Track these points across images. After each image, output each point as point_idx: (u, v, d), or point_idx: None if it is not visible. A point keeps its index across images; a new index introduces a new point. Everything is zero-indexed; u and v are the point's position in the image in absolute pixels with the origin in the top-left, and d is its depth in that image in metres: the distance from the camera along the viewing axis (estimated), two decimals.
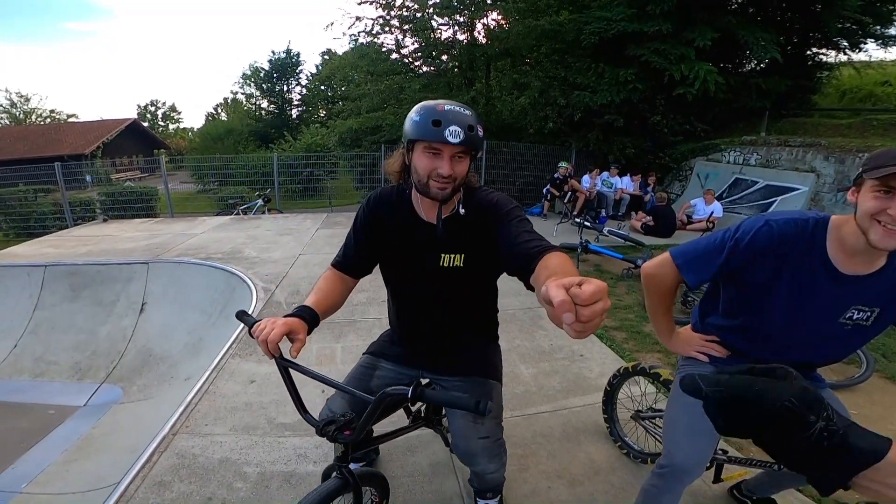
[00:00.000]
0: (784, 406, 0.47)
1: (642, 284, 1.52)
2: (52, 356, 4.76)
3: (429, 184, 1.28)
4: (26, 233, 10.03)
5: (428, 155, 1.26)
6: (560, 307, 0.59)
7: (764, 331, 1.36)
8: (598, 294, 0.60)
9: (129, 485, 2.11)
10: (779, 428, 0.48)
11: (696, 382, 0.49)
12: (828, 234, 1.21)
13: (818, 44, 11.44)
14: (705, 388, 0.49)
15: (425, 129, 1.22)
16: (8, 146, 23.78)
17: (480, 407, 0.94)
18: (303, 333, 1.23)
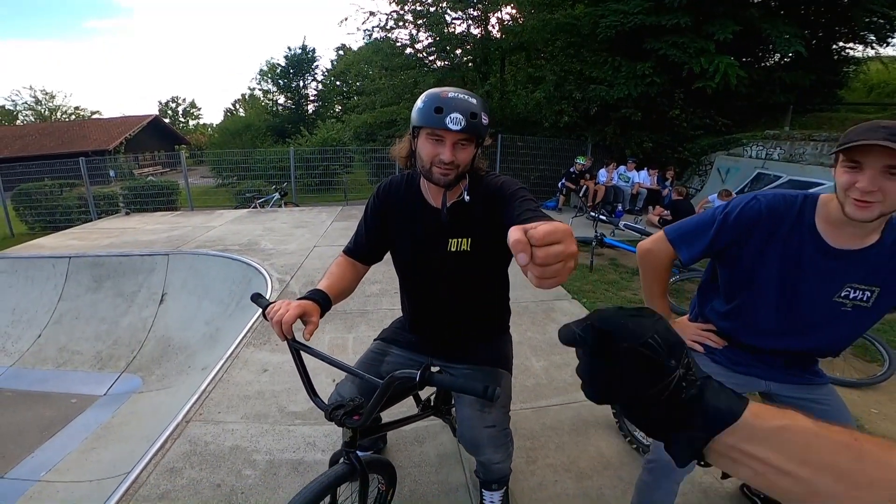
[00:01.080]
0: (647, 342, 0.44)
1: (638, 263, 1.52)
2: (75, 346, 4.89)
3: (432, 170, 1.29)
4: (52, 226, 10.30)
5: (431, 141, 1.27)
6: (514, 247, 0.54)
7: (759, 313, 1.34)
8: (553, 235, 0.54)
9: (142, 472, 2.15)
10: (639, 373, 0.44)
11: (570, 329, 0.46)
12: (817, 209, 1.23)
13: (845, 38, 11.13)
14: (577, 329, 0.46)
15: (428, 116, 1.24)
16: (34, 142, 24.43)
17: (488, 392, 0.94)
18: (316, 316, 1.25)
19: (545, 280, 0.56)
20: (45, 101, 39.73)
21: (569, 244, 0.56)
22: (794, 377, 1.43)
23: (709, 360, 1.52)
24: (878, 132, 1.04)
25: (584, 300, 4.22)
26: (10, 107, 38.88)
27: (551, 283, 0.56)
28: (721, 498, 2.00)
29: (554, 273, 0.55)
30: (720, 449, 0.45)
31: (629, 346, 0.44)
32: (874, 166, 1.06)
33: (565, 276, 0.57)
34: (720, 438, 0.45)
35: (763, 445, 0.43)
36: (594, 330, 0.45)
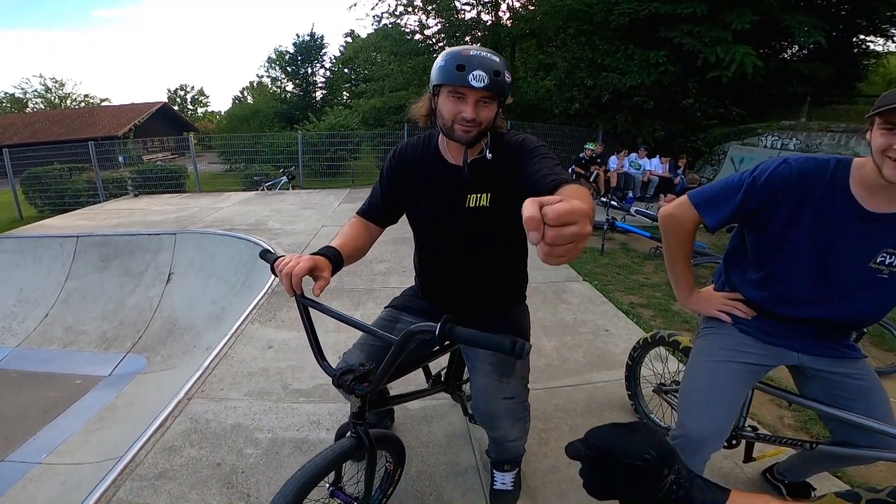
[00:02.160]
0: (644, 458, 0.52)
1: (660, 229, 1.44)
2: (82, 326, 4.87)
3: (454, 127, 1.26)
4: (61, 209, 10.31)
5: (452, 99, 1.24)
6: (527, 224, 0.52)
7: (791, 280, 1.28)
8: (567, 215, 0.52)
9: (140, 451, 2.09)
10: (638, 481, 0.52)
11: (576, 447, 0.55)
12: (851, 172, 1.17)
13: (865, 31, 10.90)
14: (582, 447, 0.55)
15: (449, 73, 1.20)
16: (45, 129, 24.55)
17: (517, 348, 0.85)
18: (327, 272, 1.20)
19: (553, 258, 0.55)
20: (55, 90, 39.84)
21: (584, 225, 0.54)
22: (828, 349, 1.36)
23: (737, 330, 1.43)
24: None
25: (595, 282, 4.15)
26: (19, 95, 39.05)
27: (559, 261, 0.56)
28: (742, 483, 1.92)
29: (563, 253, 0.55)
30: None
31: (630, 464, 0.52)
32: None
33: (575, 256, 0.56)
34: None
35: None
36: (596, 450, 0.54)
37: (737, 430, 1.66)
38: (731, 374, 1.40)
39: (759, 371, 1.44)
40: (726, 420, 1.39)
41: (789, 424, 2.36)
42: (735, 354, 1.40)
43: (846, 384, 1.34)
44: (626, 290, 4.13)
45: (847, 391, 1.34)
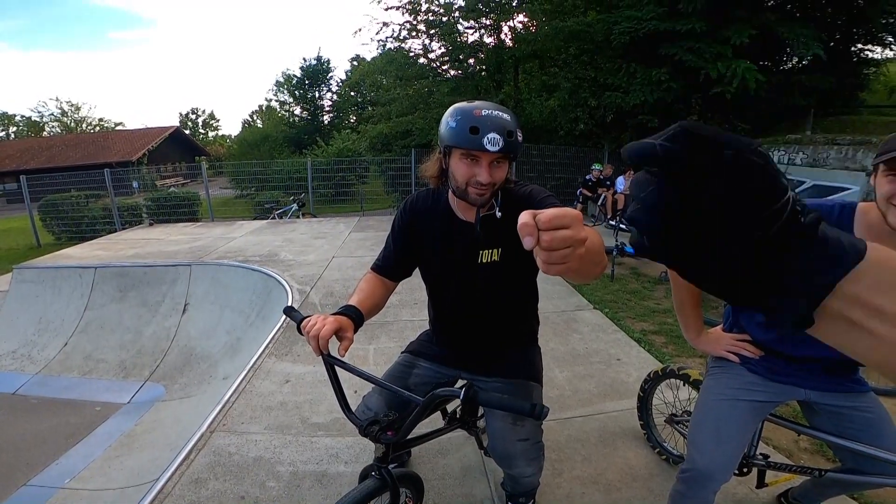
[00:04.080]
0: (757, 150, 0.33)
1: (669, 275, 1.50)
2: (100, 354, 4.98)
3: (468, 190, 1.28)
4: (78, 236, 10.56)
5: (466, 162, 1.25)
6: (521, 230, 0.52)
7: None
8: (560, 218, 0.51)
9: (167, 482, 2.16)
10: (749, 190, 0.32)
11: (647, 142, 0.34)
12: (855, 219, 1.20)
13: (863, 40, 10.96)
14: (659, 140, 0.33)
15: (463, 137, 1.20)
16: (61, 153, 25.18)
17: (537, 411, 0.92)
18: (351, 332, 1.23)
19: (551, 265, 0.53)
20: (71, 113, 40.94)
21: (577, 229, 0.53)
22: (834, 385, 1.40)
23: (745, 369, 1.48)
24: None
25: (607, 310, 4.17)
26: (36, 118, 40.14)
27: (558, 269, 0.54)
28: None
29: (561, 258, 0.53)
30: (839, 306, 0.34)
31: (737, 153, 0.32)
32: None
33: (575, 262, 0.54)
34: (842, 288, 0.33)
35: (893, 295, 0.33)
36: (688, 135, 0.33)
37: (748, 458, 1.70)
38: (739, 412, 1.45)
39: (768, 407, 1.49)
40: (734, 455, 1.44)
41: (805, 448, 2.37)
42: (743, 393, 1.45)
43: (854, 416, 1.39)
44: (637, 317, 4.14)
45: (855, 423, 1.39)
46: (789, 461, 2.14)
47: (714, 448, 1.43)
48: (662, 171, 0.34)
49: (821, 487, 1.74)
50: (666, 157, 0.33)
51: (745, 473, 1.75)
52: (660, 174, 0.34)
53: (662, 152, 0.33)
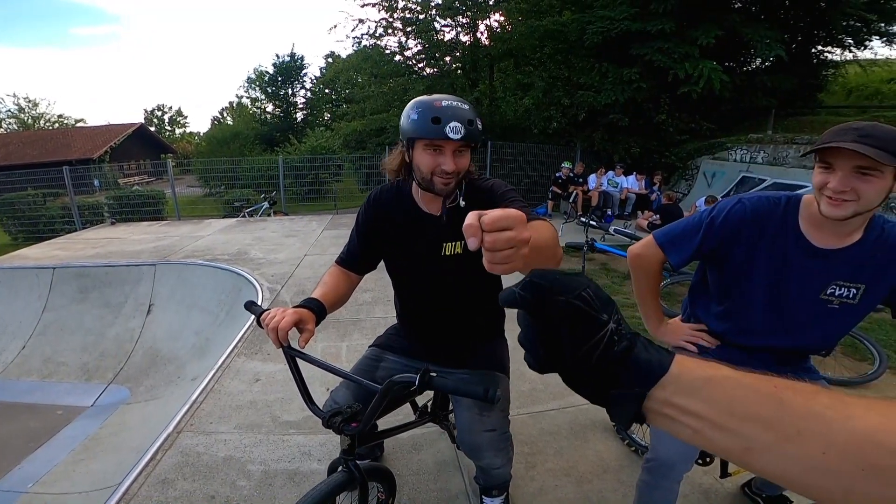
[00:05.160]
0: (580, 295, 0.44)
1: (629, 267, 1.53)
2: (61, 357, 4.79)
3: (433, 180, 1.29)
4: (35, 236, 10.12)
5: (430, 152, 1.27)
6: (465, 231, 0.54)
7: (749, 313, 1.36)
8: (503, 220, 0.53)
9: (132, 483, 2.11)
10: (575, 327, 0.44)
11: (511, 290, 0.46)
12: (800, 210, 1.26)
13: (823, 42, 11.41)
14: (517, 288, 0.45)
15: (425, 127, 1.23)
16: (18, 151, 24.07)
17: (490, 394, 0.93)
18: (311, 324, 1.24)
19: (495, 265, 0.56)
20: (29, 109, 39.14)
21: (520, 230, 0.55)
22: (786, 373, 1.45)
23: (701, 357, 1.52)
24: (849, 134, 1.07)
25: None
26: None
27: (503, 268, 0.56)
28: (722, 498, 2.00)
29: (504, 259, 0.55)
30: (656, 407, 0.45)
31: (565, 300, 0.44)
32: (845, 167, 1.09)
33: (519, 262, 0.56)
34: (654, 394, 0.44)
35: (693, 398, 0.43)
36: (533, 286, 0.45)
37: None
38: None
39: None
40: None
41: None
42: None
43: None
44: None
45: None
46: None
47: (673, 438, 1.47)
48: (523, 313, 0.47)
49: None
50: (521, 303, 0.45)
51: (708, 463, 1.81)
52: (527, 314, 0.47)
53: (520, 299, 0.45)
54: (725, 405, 0.42)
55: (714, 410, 0.42)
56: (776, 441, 0.39)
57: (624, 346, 0.44)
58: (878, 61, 12.09)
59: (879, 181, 1.07)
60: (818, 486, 0.38)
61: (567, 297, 0.44)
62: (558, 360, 0.46)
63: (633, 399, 0.45)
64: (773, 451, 0.39)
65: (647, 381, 0.44)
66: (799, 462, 0.38)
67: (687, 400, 0.43)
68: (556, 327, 0.44)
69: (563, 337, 0.44)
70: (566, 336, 0.44)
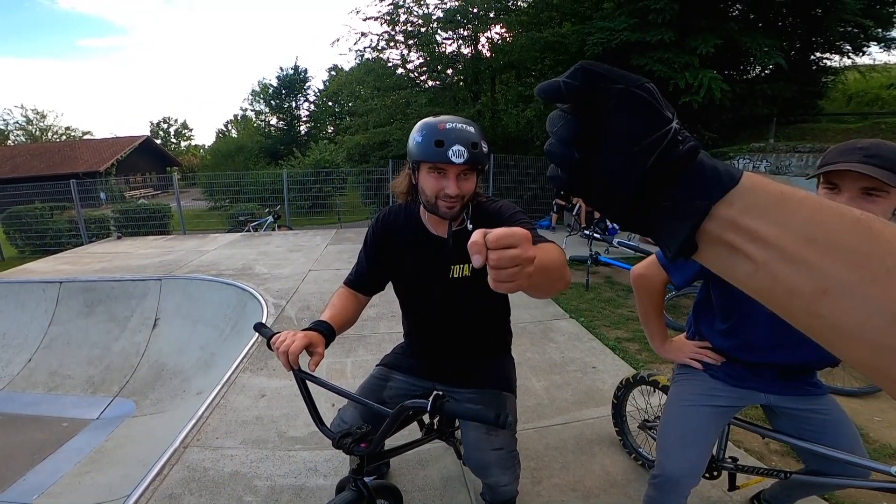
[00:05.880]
0: (643, 84, 0.36)
1: (633, 287, 1.54)
2: (67, 370, 4.81)
3: (437, 204, 1.30)
4: (42, 250, 10.21)
5: (434, 175, 1.27)
6: (470, 248, 0.53)
7: (753, 330, 1.36)
8: (508, 238, 0.53)
9: (140, 497, 2.12)
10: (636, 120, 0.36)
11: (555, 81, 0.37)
12: None
13: (822, 48, 11.43)
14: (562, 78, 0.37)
15: (429, 151, 1.23)
16: (25, 163, 24.33)
17: (501, 420, 0.94)
18: (321, 347, 1.24)
19: (500, 283, 0.55)
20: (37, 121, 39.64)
21: (525, 248, 0.54)
22: (792, 389, 1.46)
23: (708, 376, 1.53)
24: (854, 154, 1.05)
25: (582, 319, 4.23)
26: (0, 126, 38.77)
27: (508, 286, 0.55)
28: None
29: (509, 277, 0.54)
30: (716, 229, 0.36)
31: (625, 88, 0.36)
32: (851, 189, 1.07)
33: (524, 281, 0.56)
34: (717, 212, 0.35)
35: (765, 219, 0.34)
36: (585, 72, 0.37)
37: (716, 461, 1.75)
38: (703, 417, 1.50)
39: (731, 411, 1.54)
40: (700, 459, 1.49)
41: (775, 450, 2.44)
42: (706, 398, 1.50)
43: (813, 419, 1.45)
44: (612, 325, 4.20)
45: (813, 425, 1.44)
46: (758, 463, 2.21)
47: (681, 453, 1.48)
48: (568, 105, 0.38)
49: (789, 489, 1.80)
50: (568, 92, 0.37)
51: (716, 477, 1.80)
52: (568, 109, 0.38)
53: (565, 88, 0.37)
54: (805, 229, 0.33)
55: (790, 236, 0.33)
56: (860, 281, 0.31)
57: (690, 146, 0.36)
58: (876, 67, 12.11)
59: (885, 202, 1.06)
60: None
61: (627, 85, 0.36)
62: (598, 165, 0.37)
63: (691, 214, 0.36)
64: (855, 295, 0.31)
65: (714, 191, 0.35)
66: (884, 311, 0.30)
67: (758, 221, 0.34)
68: (610, 121, 0.36)
69: (617, 134, 0.36)
70: (622, 132, 0.36)
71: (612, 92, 0.36)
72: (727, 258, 0.37)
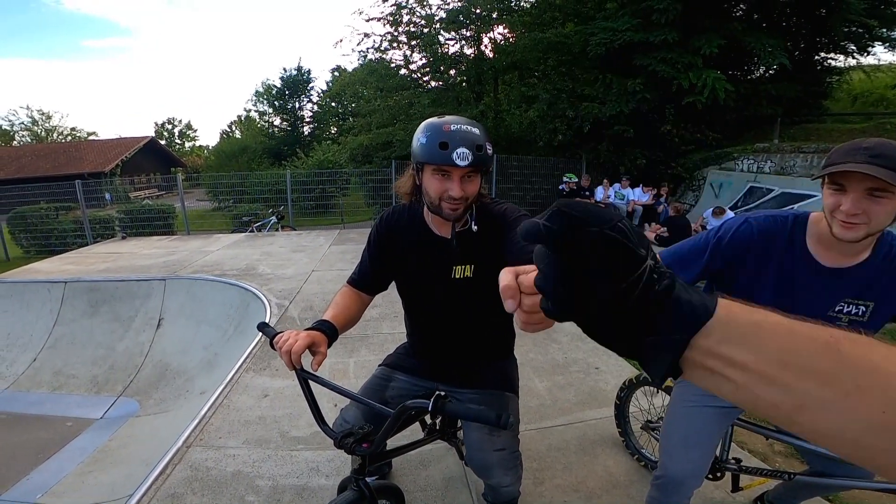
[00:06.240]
0: (616, 226, 0.38)
1: None
2: (71, 370, 4.84)
3: (441, 205, 1.29)
4: (47, 250, 10.27)
5: (437, 177, 1.27)
6: (503, 292, 0.52)
7: None
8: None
9: (143, 497, 2.12)
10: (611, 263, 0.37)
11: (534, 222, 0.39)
12: (807, 228, 1.25)
13: (826, 48, 11.39)
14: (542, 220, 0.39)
15: (433, 153, 1.22)
16: (31, 164, 24.49)
17: (502, 420, 0.93)
18: (324, 347, 1.24)
19: (530, 326, 0.53)
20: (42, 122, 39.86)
21: None
22: None
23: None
24: (859, 154, 1.05)
25: None
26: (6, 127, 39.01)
27: (536, 328, 0.53)
28: None
29: (540, 320, 0.52)
30: (697, 357, 0.39)
31: (599, 231, 0.37)
32: (857, 189, 1.07)
33: (551, 323, 0.53)
34: (696, 342, 0.39)
35: (741, 347, 0.37)
36: (562, 216, 0.38)
37: (720, 462, 1.75)
38: (706, 418, 1.49)
39: (734, 412, 1.54)
40: (703, 460, 1.48)
41: (779, 451, 2.43)
42: (710, 399, 1.49)
43: None
44: None
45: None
46: (762, 465, 2.20)
47: (684, 454, 1.47)
48: (549, 246, 0.40)
49: (793, 490, 1.79)
50: (547, 235, 0.39)
51: (719, 478, 1.80)
52: (551, 249, 0.40)
53: (545, 230, 0.39)
54: (778, 356, 0.36)
55: (765, 362, 0.36)
56: (833, 398, 0.34)
57: (665, 285, 0.38)
58: (881, 67, 12.06)
59: (890, 202, 1.06)
60: (875, 446, 0.34)
61: (601, 227, 0.37)
62: (583, 303, 0.40)
63: (671, 347, 0.39)
64: (829, 409, 0.35)
65: (690, 326, 0.38)
66: (856, 421, 0.34)
67: (734, 349, 0.38)
68: (586, 264, 0.38)
69: (594, 275, 0.38)
70: (599, 274, 0.38)
71: (587, 236, 0.38)
72: (710, 379, 0.40)
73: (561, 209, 0.39)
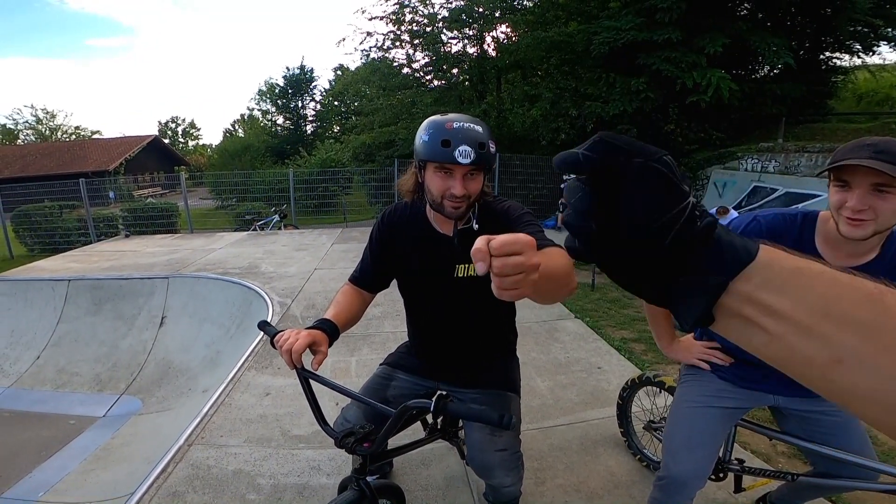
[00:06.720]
0: (662, 158, 0.36)
1: None
2: (74, 368, 4.86)
3: (443, 203, 1.28)
4: (51, 248, 10.29)
5: (440, 175, 1.26)
6: (474, 255, 0.52)
7: None
8: (512, 245, 0.51)
9: (144, 495, 2.12)
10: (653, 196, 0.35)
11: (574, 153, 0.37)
12: (816, 227, 1.24)
13: (831, 48, 11.34)
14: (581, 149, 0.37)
15: (435, 150, 1.21)
16: (35, 162, 24.59)
17: (504, 421, 0.93)
18: (325, 346, 1.24)
19: (504, 291, 0.53)
20: (46, 121, 40.05)
21: (529, 256, 0.52)
22: (802, 390, 1.43)
23: (716, 377, 1.52)
24: (864, 150, 1.05)
25: (588, 319, 4.20)
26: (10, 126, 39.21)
27: (512, 294, 0.54)
28: None
29: (513, 284, 0.53)
30: (734, 303, 0.37)
31: (643, 163, 0.36)
32: (862, 185, 1.06)
33: (527, 289, 0.54)
34: (734, 287, 0.36)
35: (781, 294, 0.35)
36: (604, 145, 0.37)
37: (723, 463, 1.73)
38: (710, 419, 1.48)
39: (738, 413, 1.52)
40: (706, 461, 1.47)
41: (782, 452, 2.42)
42: (714, 400, 1.49)
43: (822, 420, 1.43)
44: (617, 326, 4.19)
45: (823, 427, 1.42)
46: (765, 465, 2.19)
47: (687, 455, 1.46)
48: (586, 177, 0.38)
49: (796, 491, 1.78)
50: (586, 164, 0.37)
51: (722, 478, 1.78)
52: (586, 181, 0.38)
53: (584, 160, 0.37)
54: (820, 305, 0.34)
55: (805, 310, 0.34)
56: (874, 352, 0.32)
57: (708, 222, 0.36)
58: (887, 66, 12.00)
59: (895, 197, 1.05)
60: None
61: (646, 159, 0.36)
62: (616, 238, 0.37)
63: (709, 291, 0.36)
64: (870, 364, 0.32)
65: (731, 268, 0.36)
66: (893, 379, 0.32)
67: (774, 296, 0.35)
68: (628, 194, 0.36)
69: (634, 208, 0.36)
70: (640, 206, 0.36)
71: (631, 166, 0.36)
72: (743, 329, 0.38)
73: (604, 138, 0.37)
